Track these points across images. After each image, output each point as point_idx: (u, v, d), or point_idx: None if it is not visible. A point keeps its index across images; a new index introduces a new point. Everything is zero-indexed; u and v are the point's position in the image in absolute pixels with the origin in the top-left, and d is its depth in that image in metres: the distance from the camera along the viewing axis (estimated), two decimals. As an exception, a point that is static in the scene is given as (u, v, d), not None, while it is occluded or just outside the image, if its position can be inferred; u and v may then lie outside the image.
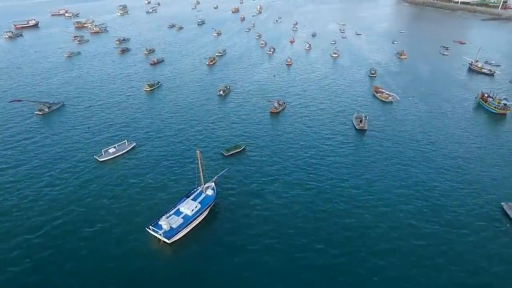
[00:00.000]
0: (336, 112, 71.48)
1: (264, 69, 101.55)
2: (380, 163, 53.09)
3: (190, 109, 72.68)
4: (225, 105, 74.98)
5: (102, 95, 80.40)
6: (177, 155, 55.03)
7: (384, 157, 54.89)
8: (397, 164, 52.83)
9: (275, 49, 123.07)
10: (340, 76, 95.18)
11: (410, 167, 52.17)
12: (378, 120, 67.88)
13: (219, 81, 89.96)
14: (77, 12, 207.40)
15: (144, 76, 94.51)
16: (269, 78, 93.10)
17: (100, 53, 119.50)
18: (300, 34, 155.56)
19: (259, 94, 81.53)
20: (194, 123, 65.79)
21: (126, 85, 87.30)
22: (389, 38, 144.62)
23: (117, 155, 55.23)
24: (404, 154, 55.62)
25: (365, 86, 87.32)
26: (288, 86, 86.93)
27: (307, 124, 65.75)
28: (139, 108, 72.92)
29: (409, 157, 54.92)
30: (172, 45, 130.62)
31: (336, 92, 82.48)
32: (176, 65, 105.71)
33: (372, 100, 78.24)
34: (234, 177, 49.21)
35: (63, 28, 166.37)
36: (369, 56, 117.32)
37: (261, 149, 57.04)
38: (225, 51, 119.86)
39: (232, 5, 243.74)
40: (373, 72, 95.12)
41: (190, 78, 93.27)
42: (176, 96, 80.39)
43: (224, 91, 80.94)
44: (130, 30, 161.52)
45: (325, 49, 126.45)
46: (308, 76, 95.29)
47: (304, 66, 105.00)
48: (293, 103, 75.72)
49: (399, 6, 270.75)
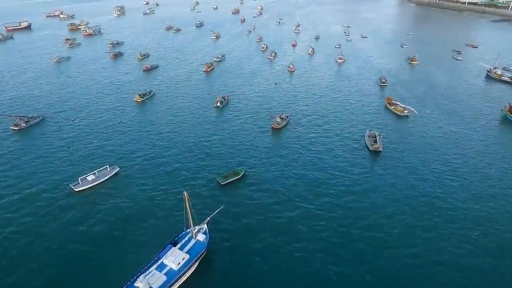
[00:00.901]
0: (345, 128, 63.55)
1: (265, 77, 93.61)
2: (399, 194, 45.24)
3: (184, 124, 64.78)
4: (222, 119, 67.12)
5: (88, 106, 72.54)
6: (166, 184, 47.16)
7: (404, 185, 47.01)
8: (420, 197, 44.92)
9: (277, 54, 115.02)
10: (347, 85, 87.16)
11: (434, 199, 44.43)
12: (393, 138, 59.97)
13: (216, 90, 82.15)
14: (73, 14, 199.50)
15: (135, 84, 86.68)
16: (270, 87, 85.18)
17: (91, 58, 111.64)
18: (302, 36, 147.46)
19: (260, 105, 73.63)
20: (187, 143, 57.80)
21: (115, 95, 79.45)
22: (397, 42, 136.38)
23: (97, 183, 47.47)
24: (427, 183, 47.69)
25: (375, 96, 79.29)
26: (290, 96, 79.02)
27: (313, 143, 57.78)
28: (126, 123, 65.06)
29: (432, 184, 47.11)
30: (167, 49, 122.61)
31: (344, 104, 74.50)
32: (171, 71, 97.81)
33: (385, 113, 70.25)
34: (231, 215, 41.37)
35: (56, 31, 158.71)
36: (378, 61, 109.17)
37: (262, 175, 49.15)
38: (224, 56, 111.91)
39: (232, 5, 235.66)
40: (383, 81, 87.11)
41: (185, 86, 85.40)
42: (169, 107, 72.54)
43: (221, 102, 73.06)
44: (125, 32, 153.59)
45: (329, 53, 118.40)
46: (312, 84, 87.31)
47: (307, 73, 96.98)
48: (297, 117, 67.78)
49: (403, 7, 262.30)
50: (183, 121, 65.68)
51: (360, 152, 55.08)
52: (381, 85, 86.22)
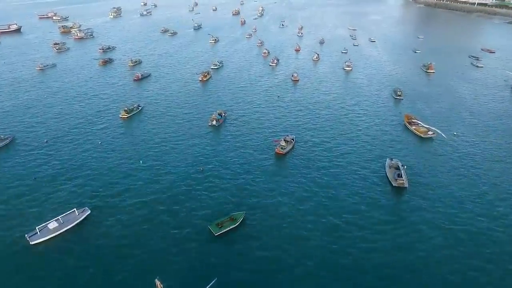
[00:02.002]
0: (361, 154, 53.71)
1: (266, 87, 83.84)
2: (437, 253, 35.63)
3: (173, 149, 55.05)
4: (218, 142, 57.46)
5: (66, 124, 63.09)
6: (144, 235, 37.69)
7: (442, 240, 37.34)
8: (463, 260, 35.32)
9: (279, 60, 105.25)
10: (358, 98, 77.19)
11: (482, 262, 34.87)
12: (418, 168, 50.18)
13: (212, 104, 72.47)
14: (66, 16, 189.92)
15: (124, 96, 77.02)
16: (272, 100, 75.40)
17: (79, 65, 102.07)
18: (306, 40, 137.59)
19: (260, 123, 63.86)
20: (175, 176, 47.84)
21: (99, 110, 69.87)
22: (408, 46, 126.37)
23: (60, 232, 38.11)
24: (472, 240, 38.05)
25: (392, 113, 69.39)
26: (295, 112, 69.22)
27: (323, 176, 47.84)
28: (107, 147, 55.42)
29: (478, 237, 37.52)
30: (162, 55, 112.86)
31: (356, 123, 64.60)
32: (164, 81, 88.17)
33: (404, 134, 60.39)
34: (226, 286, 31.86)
35: (47, 34, 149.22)
36: (389, 69, 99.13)
37: (265, 222, 39.39)
38: (222, 63, 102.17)
39: (232, 7, 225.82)
40: (399, 93, 77.16)
41: (178, 99, 75.69)
42: (157, 126, 62.89)
43: (217, 120, 63.43)
44: (118, 35, 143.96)
45: (336, 60, 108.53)
46: (319, 98, 77.39)
47: (313, 83, 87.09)
48: (303, 139, 58.06)
49: (408, 7, 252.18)
50: (172, 146, 55.86)
51: (381, 189, 45.36)
52: (397, 98, 76.35)
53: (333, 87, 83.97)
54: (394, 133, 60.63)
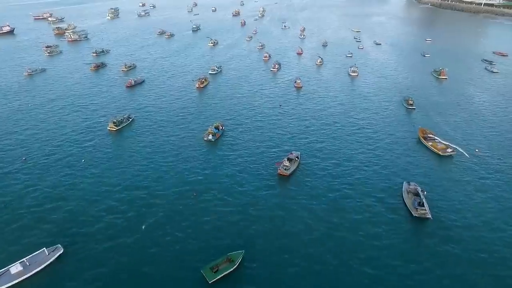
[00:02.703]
0: (372, 176, 47.31)
1: (267, 95, 77.65)
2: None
3: (164, 171, 48.65)
4: (214, 160, 51.22)
5: (48, 140, 57.03)
6: (127, 285, 31.79)
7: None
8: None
9: (281, 65, 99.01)
10: (366, 107, 70.82)
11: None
12: (438, 191, 43.93)
13: (209, 115, 66.35)
14: (62, 17, 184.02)
15: (114, 105, 70.96)
16: (274, 110, 69.26)
17: (70, 69, 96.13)
18: (308, 43, 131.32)
19: (261, 137, 57.65)
20: (163, 207, 41.35)
21: (86, 121, 63.82)
22: (417, 49, 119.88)
23: (25, 277, 32.19)
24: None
25: (404, 126, 63.00)
26: (299, 123, 63.14)
27: (333, 205, 41.53)
28: (90, 166, 49.44)
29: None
30: (157, 59, 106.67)
31: (366, 137, 58.15)
32: (158, 88, 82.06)
33: (420, 151, 54.06)
34: None
35: (41, 36, 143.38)
36: (398, 75, 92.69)
37: (265, 263, 33.50)
38: (221, 68, 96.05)
39: (232, 7, 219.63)
40: (410, 102, 70.80)
41: (172, 109, 69.52)
42: (148, 142, 56.62)
43: (214, 134, 57.42)
44: (114, 37, 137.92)
45: (340, 64, 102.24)
46: (324, 106, 71.14)
47: (317, 90, 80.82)
48: (308, 156, 51.94)
49: (412, 8, 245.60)
50: (162, 167, 49.47)
51: (400, 220, 39.32)
52: (408, 108, 70.08)
53: (339, 95, 77.65)
54: (408, 150, 54.35)
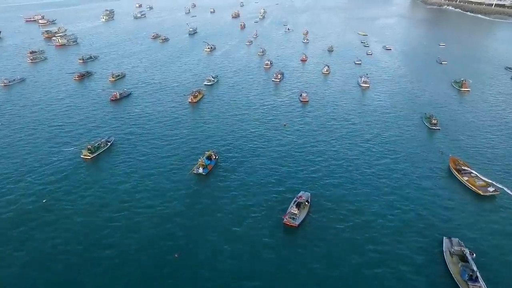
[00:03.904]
0: (403, 227, 37.00)
1: (269, 111, 67.37)
2: None
3: (140, 220, 38.59)
4: (204, 203, 40.96)
5: (5, 174, 47.17)
6: None
7: None
8: None
9: (284, 74, 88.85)
10: (383, 128, 60.23)
11: None
12: (489, 251, 34.01)
13: (201, 139, 56.33)
14: (54, 19, 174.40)
15: (93, 125, 60.99)
16: (277, 131, 59.12)
17: (52, 79, 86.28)
18: (312, 48, 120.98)
19: (263, 171, 47.11)
20: (136, 269, 31.83)
21: (58, 146, 53.80)
22: (431, 56, 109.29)
23: None
24: None
25: (430, 153, 52.14)
26: (306, 148, 52.90)
27: (359, 275, 31.31)
28: (45, 214, 39.56)
29: None
30: (148, 67, 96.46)
31: (386, 169, 47.54)
32: (146, 102, 71.98)
33: (455, 189, 43.61)
34: None
35: (29, 39, 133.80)
36: (414, 87, 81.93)
37: None
38: (217, 78, 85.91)
39: (232, 9, 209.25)
40: (434, 122, 60.51)
41: (159, 130, 59.35)
42: (126, 174, 46.45)
43: (205, 166, 47.43)
44: (105, 42, 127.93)
45: (349, 73, 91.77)
46: (334, 127, 60.54)
47: (325, 105, 70.33)
48: (321, 199, 41.66)
49: (418, 9, 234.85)
50: (139, 215, 39.24)
51: None
52: (431, 128, 59.79)
53: (350, 113, 67.04)
54: (440, 188, 44.00)
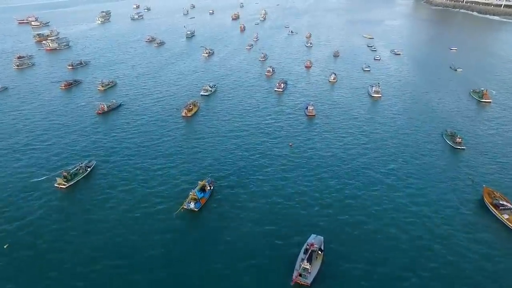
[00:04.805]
0: (437, 282, 30.21)
1: (272, 126, 59.72)
2: None
3: (106, 282, 31.69)
4: (195, 250, 33.69)
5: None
6: None
7: None
8: None
9: (287, 83, 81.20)
10: (402, 148, 52.25)
11: None
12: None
13: (194, 163, 48.58)
14: (48, 21, 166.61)
15: (71, 148, 52.71)
16: (282, 152, 51.46)
17: (36, 89, 78.55)
18: (316, 52, 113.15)
19: (265, 207, 39.41)
20: None
21: (26, 173, 46.32)
22: (443, 61, 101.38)
23: None
24: None
25: (457, 180, 44.09)
26: (314, 175, 45.12)
27: None
28: (15, 251, 32.26)
29: None
30: (141, 75, 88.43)
31: (411, 203, 40.08)
32: (136, 116, 64.15)
33: (494, 229, 36.53)
34: None
35: (18, 43, 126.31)
36: (430, 97, 73.71)
37: None
38: (215, 87, 78.18)
39: (231, 10, 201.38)
40: (458, 141, 52.58)
41: (147, 151, 51.63)
42: (105, 211, 39.12)
43: (198, 200, 39.91)
44: (98, 46, 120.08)
45: (358, 82, 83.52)
46: (345, 147, 52.54)
47: (334, 121, 62.08)
48: (335, 245, 34.15)
49: (423, 10, 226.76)
50: (114, 272, 32.39)
51: None
52: (456, 148, 52.18)
53: (362, 128, 59.13)
54: (475, 228, 36.47)
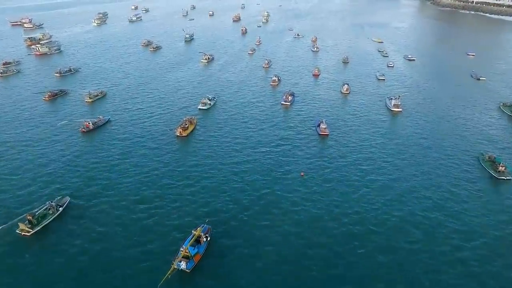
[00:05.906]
0: None
1: (280, 150, 50.97)
2: None
3: None
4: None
5: None
6: None
7: None
8: None
9: (294, 95, 72.18)
10: (432, 176, 43.74)
11: None
12: None
13: (188, 203, 39.85)
14: (41, 23, 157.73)
15: (45, 180, 43.72)
16: (292, 186, 43.12)
17: (17, 99, 69.99)
18: (325, 59, 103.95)
19: (274, 263, 31.19)
20: None
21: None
22: (461, 68, 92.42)
23: None
24: None
25: (506, 223, 36.33)
26: (332, 221, 36.95)
27: None
28: None
29: None
30: (133, 85, 79.01)
31: (453, 260, 32.02)
32: (124, 134, 55.36)
33: None
34: None
35: (7, 48, 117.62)
36: (456, 114, 64.26)
37: None
38: (214, 100, 69.19)
39: (232, 11, 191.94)
40: (501, 169, 44.07)
41: (132, 186, 43.05)
42: (75, 273, 31.09)
43: (191, 258, 31.35)
44: (91, 51, 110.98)
45: (373, 93, 74.36)
46: (369, 179, 43.60)
47: (350, 141, 53.22)
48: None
49: (430, 11, 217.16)
50: None
51: None
52: (499, 178, 43.87)
53: (384, 151, 50.45)
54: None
